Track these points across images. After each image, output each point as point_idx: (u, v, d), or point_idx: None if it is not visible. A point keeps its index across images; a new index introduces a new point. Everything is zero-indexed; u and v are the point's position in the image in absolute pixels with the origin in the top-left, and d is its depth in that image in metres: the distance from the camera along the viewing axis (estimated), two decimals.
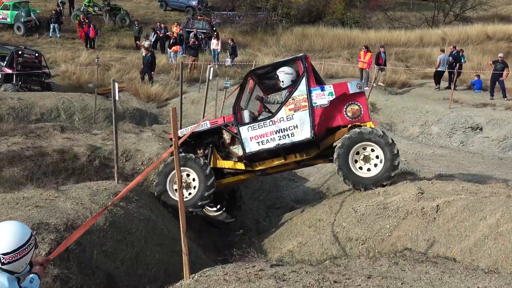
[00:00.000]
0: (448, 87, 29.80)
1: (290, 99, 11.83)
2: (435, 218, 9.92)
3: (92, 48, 39.81)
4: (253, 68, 12.31)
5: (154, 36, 39.48)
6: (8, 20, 43.08)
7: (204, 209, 13.31)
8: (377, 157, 11.66)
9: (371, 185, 11.55)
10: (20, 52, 27.92)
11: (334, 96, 11.77)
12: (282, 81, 12.25)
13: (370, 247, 10.28)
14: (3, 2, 44.12)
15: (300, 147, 12.05)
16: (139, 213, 10.62)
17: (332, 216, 11.48)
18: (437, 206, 10.08)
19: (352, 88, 11.92)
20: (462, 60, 30.94)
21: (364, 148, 11.72)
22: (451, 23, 51.47)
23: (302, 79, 11.84)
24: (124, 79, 30.50)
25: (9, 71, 27.00)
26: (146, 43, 33.98)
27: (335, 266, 7.76)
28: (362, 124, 11.88)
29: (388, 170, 11.51)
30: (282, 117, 11.82)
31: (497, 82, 27.97)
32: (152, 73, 31.17)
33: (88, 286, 8.10)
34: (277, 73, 12.31)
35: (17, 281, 4.79)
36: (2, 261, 4.71)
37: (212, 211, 13.61)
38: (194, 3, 52.98)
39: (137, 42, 39.89)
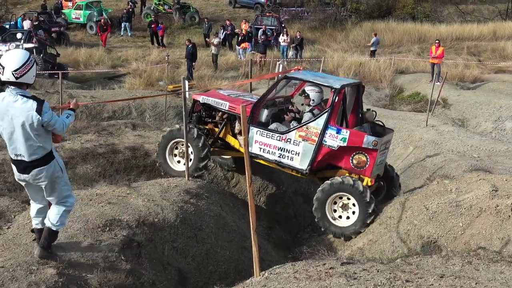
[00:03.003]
0: None
1: (304, 126, 11.85)
2: (510, 216, 9.66)
3: (163, 46, 40.41)
4: (289, 73, 12.25)
5: (223, 34, 39.67)
6: (81, 19, 44.30)
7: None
8: (353, 205, 11.78)
9: (352, 234, 11.76)
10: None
11: (345, 144, 11.68)
12: (313, 100, 12.22)
13: (442, 245, 10.10)
14: (76, 2, 45.28)
15: (296, 170, 12.19)
16: (209, 210, 10.71)
17: (403, 214, 11.33)
18: None
19: (366, 143, 11.65)
20: None
21: (341, 198, 11.86)
22: None
23: (324, 113, 11.72)
24: (194, 76, 30.74)
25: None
26: (215, 40, 34.17)
27: (406, 265, 7.64)
28: (361, 177, 11.88)
29: (363, 218, 11.62)
30: (290, 139, 11.90)
31: None
32: (193, 64, 31.47)
33: (160, 282, 8.19)
34: (307, 91, 12.27)
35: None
36: (16, 75, 6.46)
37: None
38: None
39: (206, 39, 40.21)
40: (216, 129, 12.89)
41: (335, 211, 12.01)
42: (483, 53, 39.38)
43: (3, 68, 6.46)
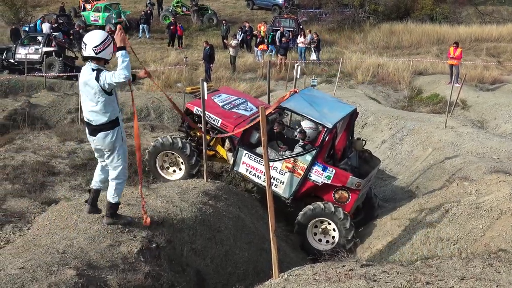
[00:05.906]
0: None
1: (292, 158, 12.10)
2: None
3: (180, 46, 40.59)
4: (284, 101, 12.15)
5: (241, 35, 39.70)
6: (100, 21, 44.48)
7: None
8: (334, 230, 12.16)
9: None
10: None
11: (329, 182, 11.93)
12: (308, 137, 12.40)
13: (462, 247, 10.04)
14: (94, 5, 45.48)
15: (279, 196, 12.41)
16: (228, 212, 10.70)
17: (423, 216, 11.28)
18: None
19: (350, 183, 11.92)
20: None
21: (322, 222, 12.24)
22: None
23: (314, 150, 11.95)
24: (212, 78, 30.77)
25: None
26: (233, 42, 34.17)
27: (426, 267, 7.58)
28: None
29: (343, 244, 11.87)
30: (276, 167, 12.21)
31: None
32: (211, 65, 31.59)
33: (179, 283, 8.19)
34: (303, 127, 12.43)
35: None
36: (95, 51, 7.62)
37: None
38: (280, 1, 53.13)
39: (224, 41, 40.23)
40: (208, 136, 13.02)
41: (315, 234, 12.38)
42: (503, 54, 39.06)
43: (85, 45, 7.66)
